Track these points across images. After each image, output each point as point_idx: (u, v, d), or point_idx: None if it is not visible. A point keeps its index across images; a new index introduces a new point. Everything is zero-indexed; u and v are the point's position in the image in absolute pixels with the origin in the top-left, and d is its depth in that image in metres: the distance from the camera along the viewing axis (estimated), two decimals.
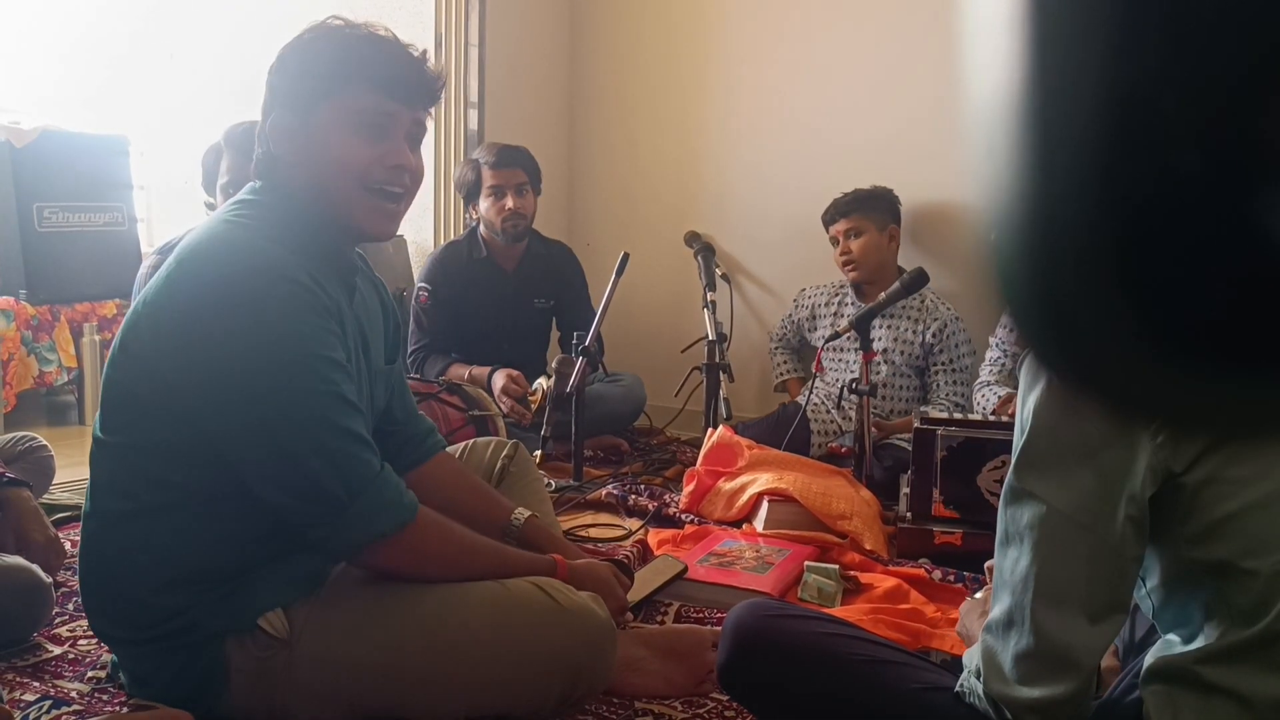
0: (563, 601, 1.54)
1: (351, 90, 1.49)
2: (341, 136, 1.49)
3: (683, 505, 2.81)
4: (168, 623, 1.50)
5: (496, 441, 2.13)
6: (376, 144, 1.51)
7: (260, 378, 1.39)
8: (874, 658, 1.31)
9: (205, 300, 1.40)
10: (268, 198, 1.54)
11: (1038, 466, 1.08)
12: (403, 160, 1.52)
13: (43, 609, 1.89)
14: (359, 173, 1.50)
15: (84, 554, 1.56)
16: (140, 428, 1.48)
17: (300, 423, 1.40)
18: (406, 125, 1.54)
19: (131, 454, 1.49)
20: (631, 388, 3.65)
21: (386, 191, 1.52)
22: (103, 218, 4.14)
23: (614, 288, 3.16)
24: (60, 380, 3.94)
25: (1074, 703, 1.09)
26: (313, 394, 1.41)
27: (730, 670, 1.38)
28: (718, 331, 3.28)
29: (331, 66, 1.50)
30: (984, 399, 3.14)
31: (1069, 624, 1.07)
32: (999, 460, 2.42)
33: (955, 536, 2.44)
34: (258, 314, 1.39)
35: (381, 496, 1.45)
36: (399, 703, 1.55)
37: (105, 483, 1.53)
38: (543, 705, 1.55)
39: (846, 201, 3.49)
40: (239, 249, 1.45)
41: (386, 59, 1.51)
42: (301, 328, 1.41)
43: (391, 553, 1.48)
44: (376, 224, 1.55)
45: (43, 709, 1.62)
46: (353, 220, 1.53)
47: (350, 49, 1.50)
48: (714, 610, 2.10)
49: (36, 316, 3.85)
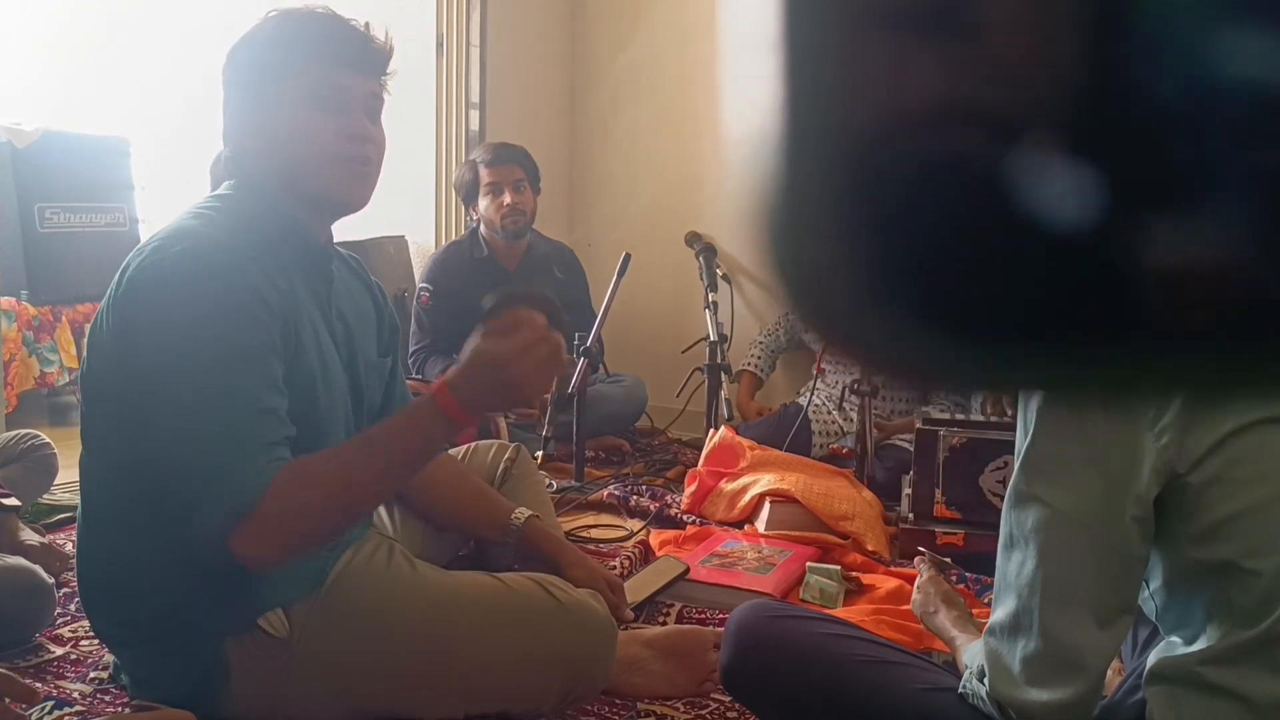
0: (563, 599, 1.54)
1: (301, 69, 1.49)
2: (299, 114, 1.49)
3: (684, 506, 2.81)
4: (166, 622, 1.49)
5: (499, 444, 2.13)
6: (335, 116, 1.49)
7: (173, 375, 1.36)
8: (877, 658, 1.31)
9: (144, 295, 1.40)
10: (238, 193, 1.53)
11: (1042, 469, 1.08)
12: (362, 130, 1.51)
13: (45, 610, 1.90)
14: (322, 145, 1.49)
15: (81, 554, 1.56)
16: (103, 427, 1.49)
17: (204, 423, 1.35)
18: (362, 97, 1.53)
19: (111, 457, 1.50)
20: (633, 388, 3.65)
21: (352, 160, 1.52)
22: (104, 219, 4.14)
23: (615, 289, 3.16)
24: (61, 381, 3.94)
25: (1083, 706, 1.09)
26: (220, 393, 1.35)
27: (733, 671, 1.38)
28: (719, 332, 3.28)
29: (278, 50, 1.50)
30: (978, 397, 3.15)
31: (1077, 627, 1.07)
32: (1001, 461, 2.42)
33: (957, 537, 2.44)
34: (180, 310, 1.37)
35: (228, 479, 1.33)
36: (399, 701, 1.55)
37: (89, 483, 1.54)
38: (542, 703, 1.56)
39: None
40: (185, 241, 1.42)
41: (330, 33, 1.51)
42: (225, 323, 1.37)
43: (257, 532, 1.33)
44: (349, 190, 1.53)
45: (45, 709, 1.62)
46: (326, 191, 1.52)
47: (293, 30, 1.51)
48: (716, 611, 2.10)
49: (38, 317, 3.85)
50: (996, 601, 1.14)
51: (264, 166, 1.52)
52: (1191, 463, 1.04)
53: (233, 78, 1.54)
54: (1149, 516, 1.07)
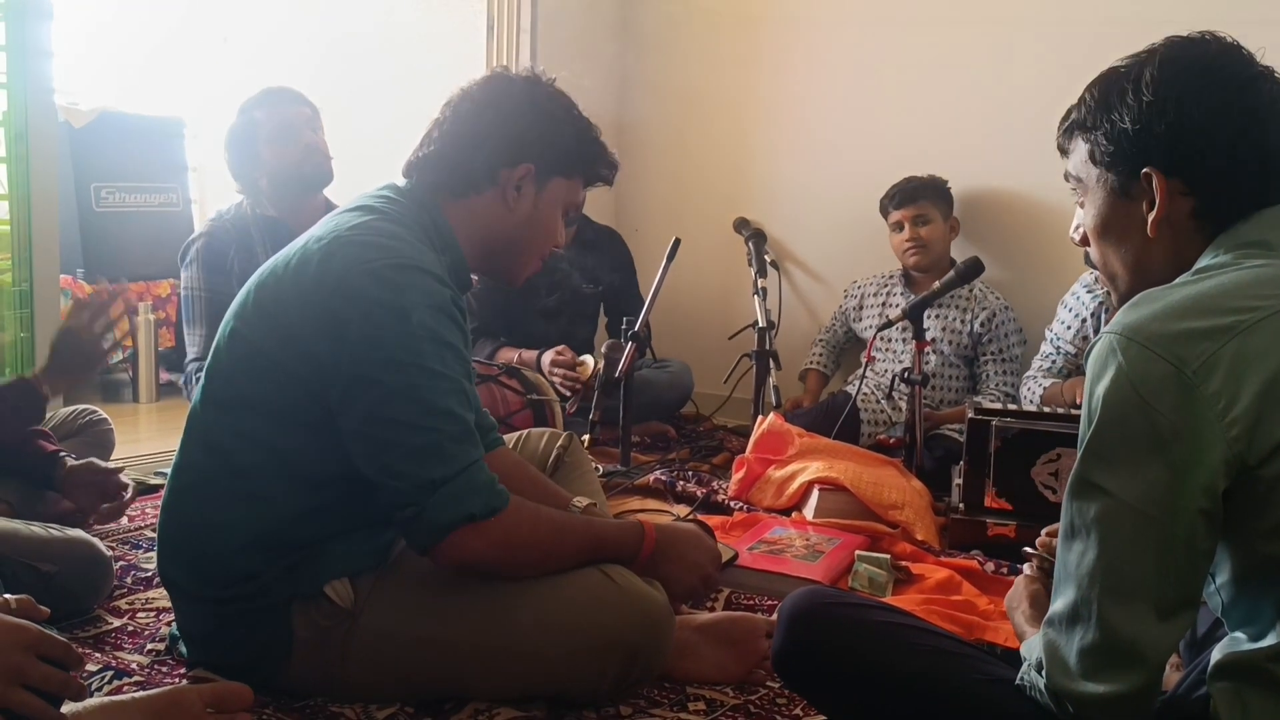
0: (621, 583, 1.54)
1: (578, 178, 1.72)
2: (555, 213, 1.70)
3: (732, 492, 2.80)
4: (240, 584, 1.53)
5: (551, 432, 2.14)
6: (565, 227, 1.75)
7: (391, 351, 1.44)
8: (934, 647, 1.29)
9: (354, 275, 1.46)
10: (409, 200, 1.63)
11: (1106, 458, 1.06)
12: (563, 239, 1.77)
13: (103, 581, 1.93)
14: (547, 248, 1.73)
15: (168, 506, 1.60)
16: (261, 385, 1.52)
17: (417, 399, 1.44)
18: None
19: (242, 412, 1.54)
20: (679, 374, 3.64)
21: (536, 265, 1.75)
22: (158, 198, 4.19)
23: (664, 273, 3.15)
24: (115, 359, 3.99)
25: (1142, 699, 1.07)
26: (436, 376, 1.46)
27: (786, 656, 1.36)
28: (767, 318, 3.26)
29: (578, 148, 1.70)
30: (1029, 390, 3.11)
31: (1137, 619, 1.05)
32: (1055, 453, 2.39)
33: (1009, 528, 2.41)
34: (401, 296, 1.45)
35: (474, 480, 1.47)
36: (454, 679, 1.56)
37: (201, 438, 1.58)
38: (597, 687, 1.56)
39: (913, 188, 3.45)
40: (391, 237, 1.52)
41: (603, 153, 1.73)
42: (437, 318, 1.48)
43: (480, 540, 1.47)
44: (521, 279, 1.76)
45: (105, 679, 1.64)
46: (511, 272, 1.74)
47: (590, 138, 1.71)
48: (764, 597, 2.09)
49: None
50: (1056, 592, 1.12)
51: (483, 216, 1.66)
52: (1263, 455, 1.02)
53: (548, 132, 1.67)
54: (1217, 509, 1.04)
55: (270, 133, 2.64)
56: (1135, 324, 1.05)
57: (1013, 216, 3.56)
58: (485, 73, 1.77)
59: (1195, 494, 1.03)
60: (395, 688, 1.57)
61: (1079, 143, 1.23)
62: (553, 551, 1.55)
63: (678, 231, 3.30)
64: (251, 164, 2.67)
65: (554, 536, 1.56)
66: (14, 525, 1.85)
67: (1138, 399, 1.03)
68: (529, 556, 1.53)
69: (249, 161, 2.67)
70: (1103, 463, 1.06)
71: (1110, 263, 1.24)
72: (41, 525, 1.89)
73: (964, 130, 3.61)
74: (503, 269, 1.73)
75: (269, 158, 2.65)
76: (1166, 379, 1.01)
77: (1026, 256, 3.54)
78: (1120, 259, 1.22)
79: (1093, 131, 1.21)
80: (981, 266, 2.97)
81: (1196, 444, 1.02)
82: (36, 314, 2.82)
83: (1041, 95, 3.44)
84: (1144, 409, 1.03)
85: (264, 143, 2.64)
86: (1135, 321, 1.05)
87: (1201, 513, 1.03)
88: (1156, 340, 1.03)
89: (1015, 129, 3.51)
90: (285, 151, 2.65)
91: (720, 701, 1.66)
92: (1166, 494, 1.03)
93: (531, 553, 1.53)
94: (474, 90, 1.69)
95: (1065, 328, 3.05)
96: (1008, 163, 3.54)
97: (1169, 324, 1.04)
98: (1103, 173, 1.20)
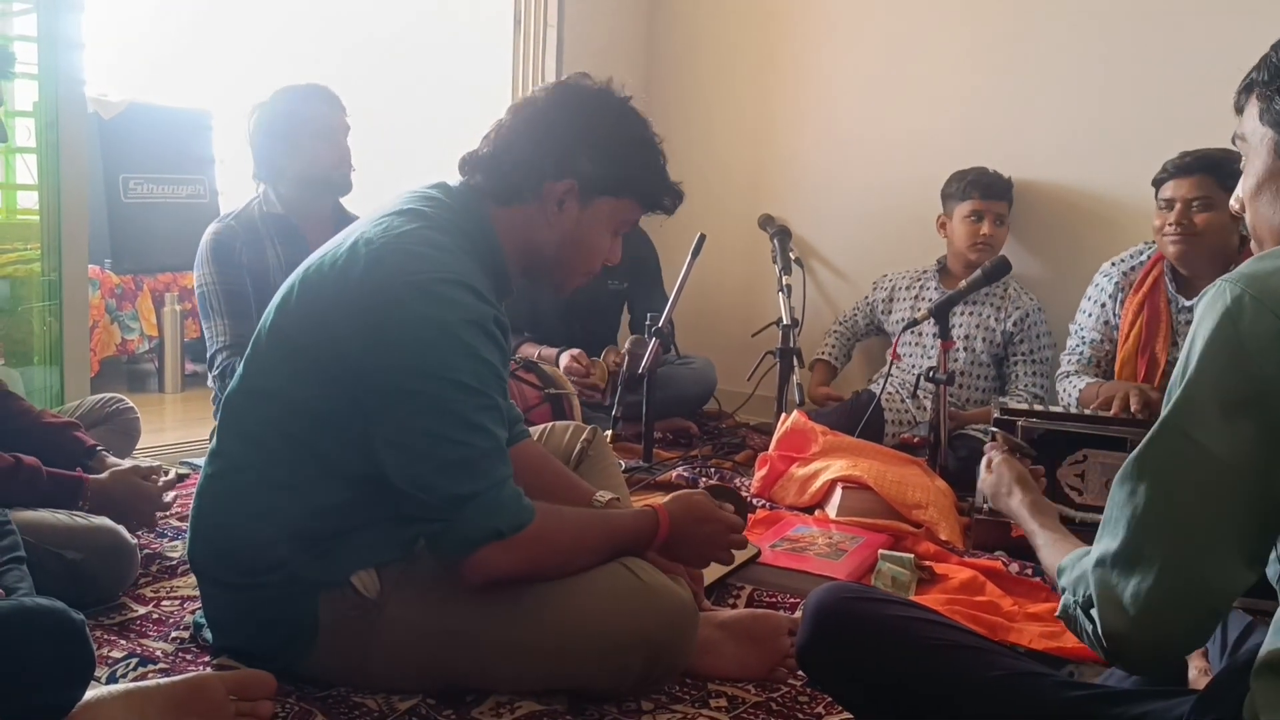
0: (645, 580, 1.54)
1: (629, 199, 1.67)
2: (601, 232, 1.67)
3: (754, 489, 2.80)
4: (269, 572, 1.54)
5: (575, 426, 2.14)
6: (614, 243, 1.70)
7: (429, 363, 1.44)
8: (959, 643, 1.28)
9: (399, 286, 1.46)
10: (457, 204, 1.61)
11: (1199, 408, 1.03)
12: (615, 257, 1.72)
13: (128, 569, 1.94)
14: (595, 266, 1.71)
15: (202, 491, 1.61)
16: (298, 381, 1.53)
17: (451, 412, 1.44)
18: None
19: (278, 405, 1.54)
20: (702, 370, 3.63)
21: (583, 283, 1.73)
22: (185, 190, 4.22)
23: (689, 269, 3.14)
24: (141, 348, 4.02)
25: (1191, 645, 1.05)
26: (468, 391, 1.45)
27: (810, 651, 1.36)
28: (791, 316, 3.25)
29: (630, 171, 1.65)
30: (1067, 389, 3.07)
31: (1203, 567, 1.02)
32: (1080, 454, 2.37)
33: None
34: (443, 311, 1.45)
35: (502, 497, 1.47)
36: (477, 671, 1.56)
37: (237, 426, 1.59)
38: (621, 682, 1.56)
39: (1002, 185, 3.39)
40: (438, 250, 1.51)
41: (661, 180, 1.69)
42: (476, 334, 1.47)
43: (506, 556, 1.47)
44: (566, 290, 1.73)
45: (129, 666, 1.65)
46: (560, 283, 1.72)
47: (650, 163, 1.67)
48: (786, 595, 2.09)
49: (121, 286, 3.94)
50: (1108, 533, 1.09)
51: (527, 225, 1.63)
52: None
53: (599, 147, 1.62)
54: None
55: (315, 130, 2.65)
56: (1253, 274, 1.02)
57: (1041, 212, 3.53)
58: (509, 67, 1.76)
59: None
60: (418, 678, 1.57)
61: (1253, 102, 1.20)
62: (575, 556, 1.55)
63: (702, 227, 3.29)
64: (286, 155, 2.66)
65: (575, 541, 1.56)
66: (40, 514, 1.86)
67: (1238, 351, 1.00)
68: (552, 564, 1.53)
69: (283, 152, 2.66)
70: (1195, 412, 1.02)
71: (1259, 227, 1.21)
72: (67, 513, 1.90)
73: (996, 125, 3.58)
74: (545, 279, 1.71)
75: (307, 155, 2.65)
76: (1274, 335, 0.98)
77: (1058, 253, 3.51)
78: (1268, 222, 1.19)
79: (1267, 88, 1.17)
80: (1009, 266, 2.94)
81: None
82: (65, 303, 2.84)
83: (1072, 88, 3.44)
84: (1244, 362, 1.00)
85: (309, 137, 2.64)
86: (1254, 272, 1.03)
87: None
88: (1272, 294, 1.00)
89: (1046, 123, 3.49)
90: (324, 153, 2.66)
91: (742, 699, 1.65)
92: (1256, 448, 1.00)
93: (555, 559, 1.53)
94: (539, 94, 1.67)
95: (1087, 316, 3.02)
96: (1036, 157, 3.51)
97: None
98: (1268, 131, 1.17)
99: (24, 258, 2.95)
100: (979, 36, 3.60)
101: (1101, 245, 3.21)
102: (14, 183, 3.19)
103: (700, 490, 1.83)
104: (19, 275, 2.97)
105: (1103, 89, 3.38)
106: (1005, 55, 3.56)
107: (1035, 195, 3.54)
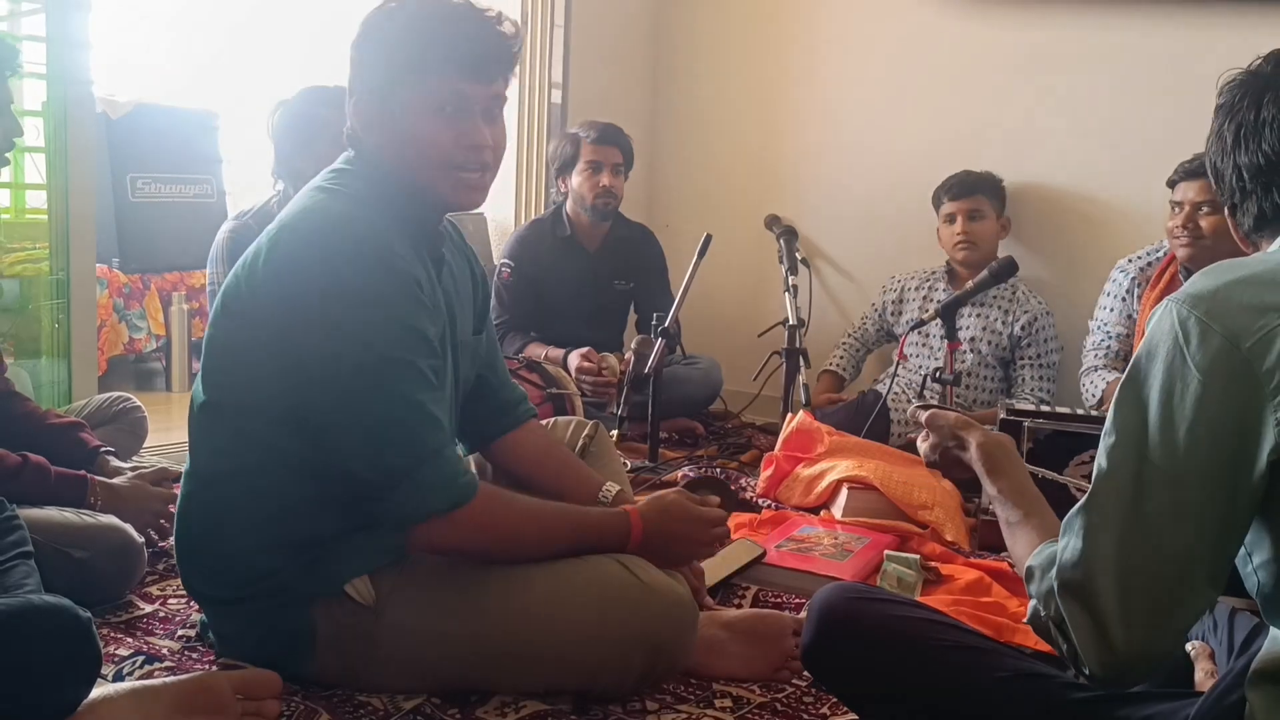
0: (644, 578, 1.54)
1: (430, 76, 1.50)
2: (421, 120, 1.51)
3: (760, 490, 2.80)
4: (259, 583, 1.53)
5: (578, 421, 2.13)
6: (455, 125, 1.52)
7: (347, 343, 1.43)
8: (964, 644, 1.28)
9: (305, 266, 1.45)
10: (360, 168, 1.57)
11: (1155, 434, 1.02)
12: (480, 139, 1.54)
13: (135, 568, 1.94)
14: (440, 155, 1.52)
15: (182, 513, 1.61)
16: (241, 386, 1.52)
17: (375, 390, 1.43)
18: (484, 101, 1.55)
19: (231, 412, 1.53)
20: (708, 370, 3.63)
21: (468, 168, 1.55)
22: (193, 190, 4.23)
23: (695, 270, 3.15)
24: (149, 348, 4.03)
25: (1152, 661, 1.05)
26: (397, 364, 1.44)
27: (815, 651, 1.36)
28: (798, 316, 3.25)
29: (409, 51, 1.50)
30: (1092, 385, 3.05)
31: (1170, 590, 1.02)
32: (1087, 454, 2.37)
33: None
34: (352, 282, 1.43)
35: (437, 474, 1.46)
36: (478, 675, 1.56)
37: (204, 442, 1.58)
38: (622, 682, 1.56)
39: (971, 181, 3.40)
40: (338, 218, 1.49)
41: (464, 39, 1.50)
42: (393, 298, 1.45)
43: (448, 531, 1.48)
44: (462, 197, 1.58)
45: (136, 664, 1.66)
46: (439, 196, 1.57)
47: (428, 32, 1.50)
48: (792, 595, 2.09)
49: (128, 285, 3.95)
50: (1070, 536, 1.06)
51: (382, 155, 1.55)
52: None
53: (360, 59, 1.56)
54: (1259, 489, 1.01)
55: (334, 136, 2.63)
56: (1198, 294, 1.03)
57: (1050, 215, 3.53)
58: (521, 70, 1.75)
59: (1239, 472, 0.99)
60: (420, 683, 1.57)
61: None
62: (529, 539, 1.55)
63: (709, 228, 3.29)
64: (304, 157, 2.65)
65: (529, 524, 1.56)
66: (48, 512, 1.86)
67: (1192, 377, 1.00)
68: (503, 545, 1.54)
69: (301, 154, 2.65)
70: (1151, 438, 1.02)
71: (1235, 234, 1.22)
72: (74, 511, 1.91)
73: (1004, 128, 3.58)
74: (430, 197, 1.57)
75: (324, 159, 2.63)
76: (1220, 353, 0.99)
77: (1067, 256, 3.51)
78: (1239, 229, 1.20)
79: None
80: (1016, 266, 2.94)
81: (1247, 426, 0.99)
82: (73, 302, 2.85)
83: (1080, 92, 3.43)
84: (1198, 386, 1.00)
85: (327, 143, 2.62)
86: (1198, 291, 1.04)
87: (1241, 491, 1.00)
88: (1218, 315, 1.00)
89: (1052, 126, 3.48)
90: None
91: (747, 699, 1.65)
92: (1216, 470, 1.00)
93: (505, 541, 1.54)
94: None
95: (1109, 311, 3.02)
96: (1044, 160, 3.51)
97: (1233, 294, 1.02)
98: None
99: (32, 257, 2.96)
100: (986, 39, 3.60)
101: (1109, 249, 3.21)
102: (22, 182, 3.20)
103: (676, 489, 1.80)
104: (27, 274, 2.98)
105: (1110, 92, 3.38)
106: (1013, 57, 3.55)
107: (1043, 199, 3.53)
